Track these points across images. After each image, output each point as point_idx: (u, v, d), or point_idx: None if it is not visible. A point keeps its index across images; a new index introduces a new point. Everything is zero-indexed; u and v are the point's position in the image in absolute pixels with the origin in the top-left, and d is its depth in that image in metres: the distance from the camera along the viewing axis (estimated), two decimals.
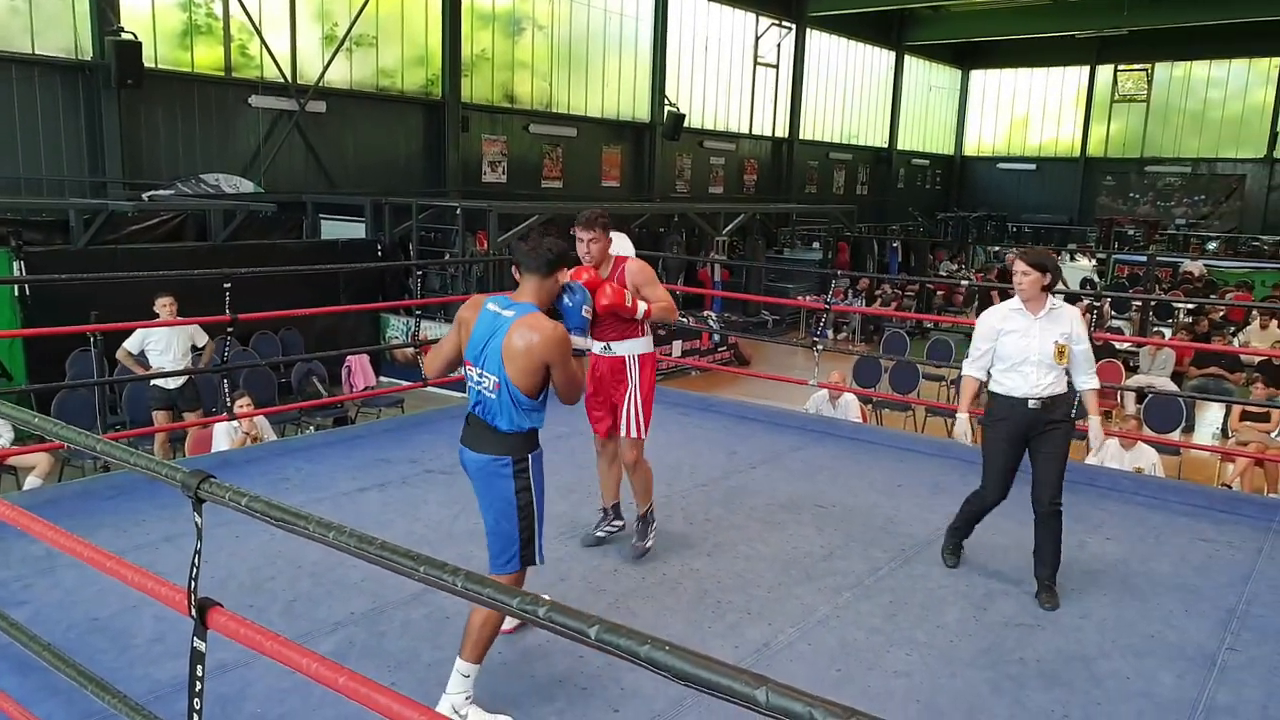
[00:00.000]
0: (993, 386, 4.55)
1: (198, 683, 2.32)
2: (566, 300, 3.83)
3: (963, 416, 4.77)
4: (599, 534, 4.97)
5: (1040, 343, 4.39)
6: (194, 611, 2.34)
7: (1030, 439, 4.46)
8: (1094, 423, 4.65)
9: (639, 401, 4.61)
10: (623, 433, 4.64)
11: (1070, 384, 4.53)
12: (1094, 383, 4.56)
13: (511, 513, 3.38)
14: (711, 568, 4.71)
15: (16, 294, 9.76)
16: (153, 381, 8.24)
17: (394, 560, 1.95)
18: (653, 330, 4.79)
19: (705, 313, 17.71)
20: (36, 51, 14.26)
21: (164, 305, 8.04)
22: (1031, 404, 4.40)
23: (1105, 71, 34.84)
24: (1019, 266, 4.41)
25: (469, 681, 3.30)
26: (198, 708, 2.32)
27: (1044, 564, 4.49)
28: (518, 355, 3.28)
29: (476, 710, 3.31)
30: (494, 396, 3.34)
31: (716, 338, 15.50)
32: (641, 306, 4.50)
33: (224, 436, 7.66)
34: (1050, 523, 4.46)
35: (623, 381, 4.64)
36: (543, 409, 3.41)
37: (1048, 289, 4.41)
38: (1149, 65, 33.81)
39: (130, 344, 8.27)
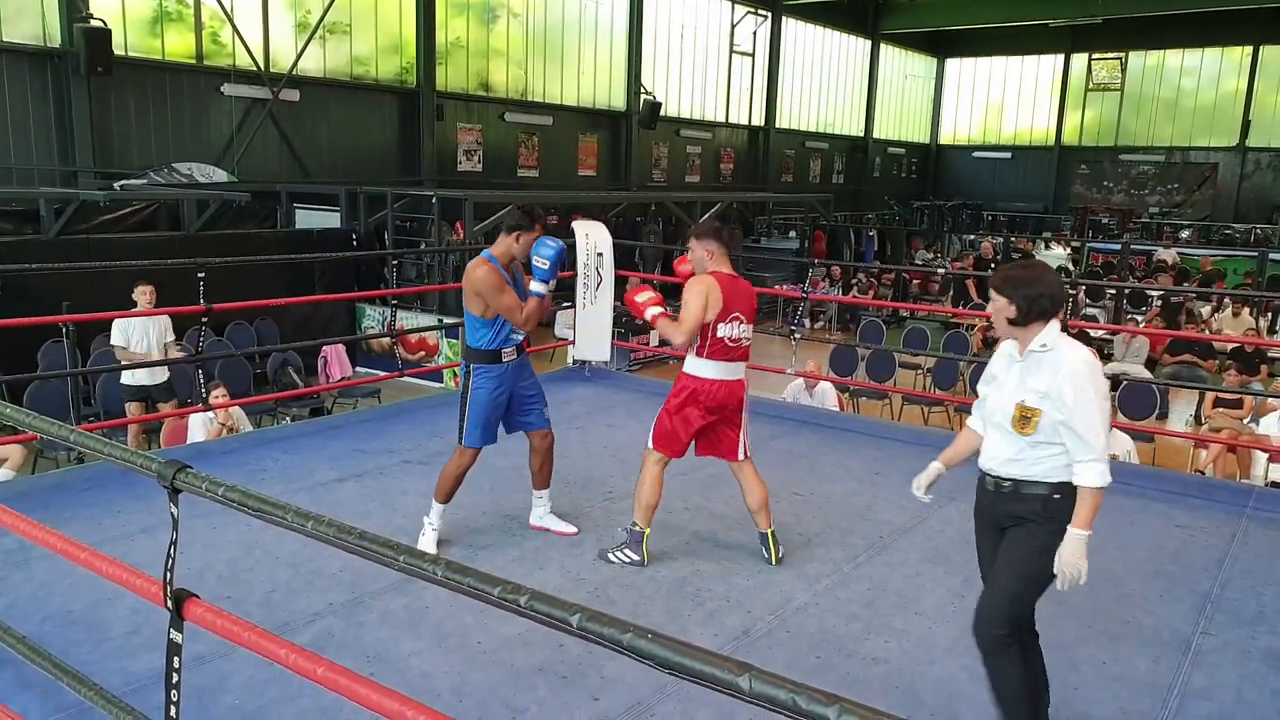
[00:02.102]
0: None
1: (174, 674, 2.30)
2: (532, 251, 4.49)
3: (934, 465, 3.54)
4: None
5: (1008, 398, 3.03)
6: (170, 603, 2.32)
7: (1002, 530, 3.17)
8: (1069, 539, 3.00)
9: (661, 413, 4.62)
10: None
11: (1059, 468, 3.01)
12: (1092, 475, 2.94)
13: (458, 402, 4.63)
14: (690, 556, 4.72)
15: None
16: (123, 378, 8.09)
17: (374, 550, 1.94)
18: (689, 346, 4.53)
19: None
20: (4, 39, 14.10)
21: (143, 294, 7.85)
22: (988, 482, 3.15)
23: (1079, 60, 35.03)
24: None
25: (436, 510, 4.65)
26: (175, 700, 2.30)
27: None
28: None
29: (433, 533, 4.63)
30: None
31: None
32: (651, 311, 4.48)
33: (199, 427, 7.58)
34: (987, 660, 3.10)
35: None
36: (488, 328, 4.51)
37: (1017, 323, 2.97)
38: (1122, 54, 34.03)
39: (115, 338, 8.12)
